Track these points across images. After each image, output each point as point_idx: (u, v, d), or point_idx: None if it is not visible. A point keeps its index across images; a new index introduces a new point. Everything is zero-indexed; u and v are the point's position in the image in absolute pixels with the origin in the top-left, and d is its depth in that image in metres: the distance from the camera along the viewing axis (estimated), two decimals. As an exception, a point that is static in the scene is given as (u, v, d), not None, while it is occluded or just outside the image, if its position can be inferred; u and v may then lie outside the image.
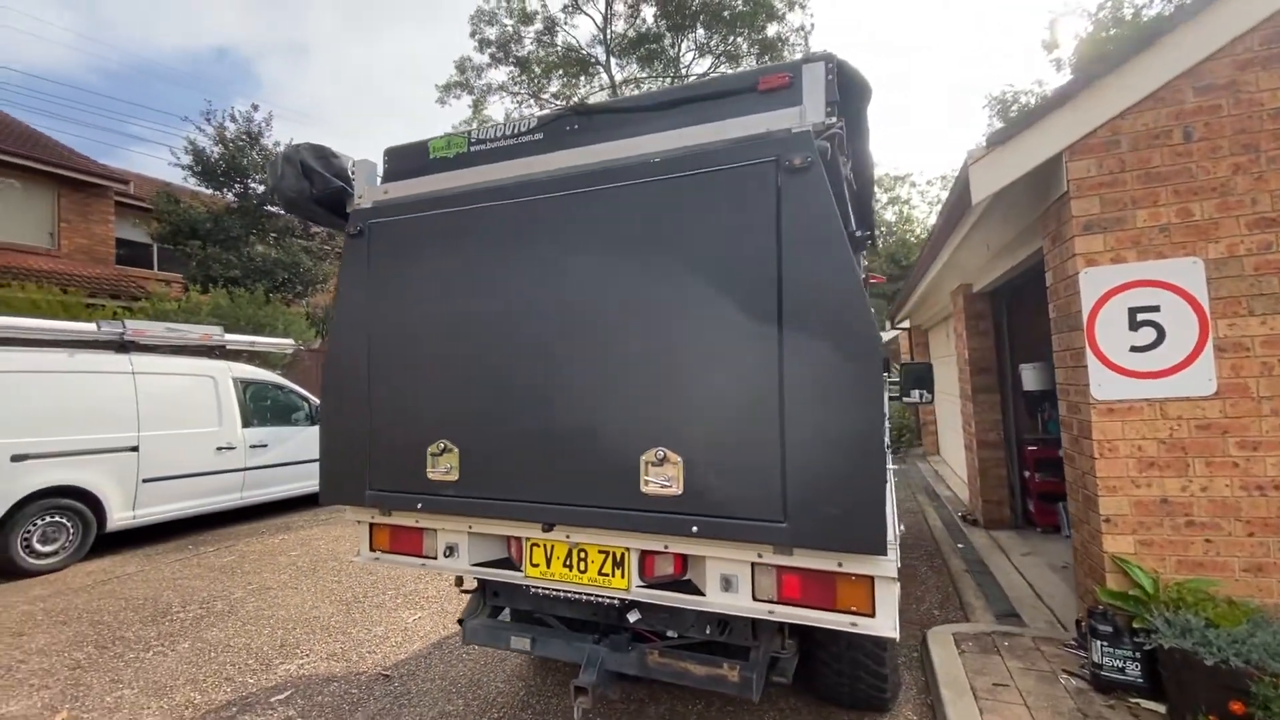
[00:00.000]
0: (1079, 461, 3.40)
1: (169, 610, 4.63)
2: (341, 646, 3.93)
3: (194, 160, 14.02)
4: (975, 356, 6.45)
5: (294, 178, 2.46)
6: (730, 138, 1.88)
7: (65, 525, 5.76)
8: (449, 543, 2.39)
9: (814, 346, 1.71)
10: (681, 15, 21.73)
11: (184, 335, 7.05)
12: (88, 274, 13.93)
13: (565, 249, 2.07)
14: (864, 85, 2.06)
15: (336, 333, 2.49)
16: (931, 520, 6.90)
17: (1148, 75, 3.05)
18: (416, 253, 2.33)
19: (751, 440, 1.77)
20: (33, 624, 4.40)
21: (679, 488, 1.86)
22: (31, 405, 5.60)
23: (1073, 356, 3.35)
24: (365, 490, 2.38)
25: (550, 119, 2.27)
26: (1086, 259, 3.16)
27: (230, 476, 7.16)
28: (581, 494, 2.00)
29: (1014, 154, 3.25)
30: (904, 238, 29.94)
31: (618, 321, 1.97)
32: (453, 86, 22.81)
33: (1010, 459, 6.37)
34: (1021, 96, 24.41)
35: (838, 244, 1.71)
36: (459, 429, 2.20)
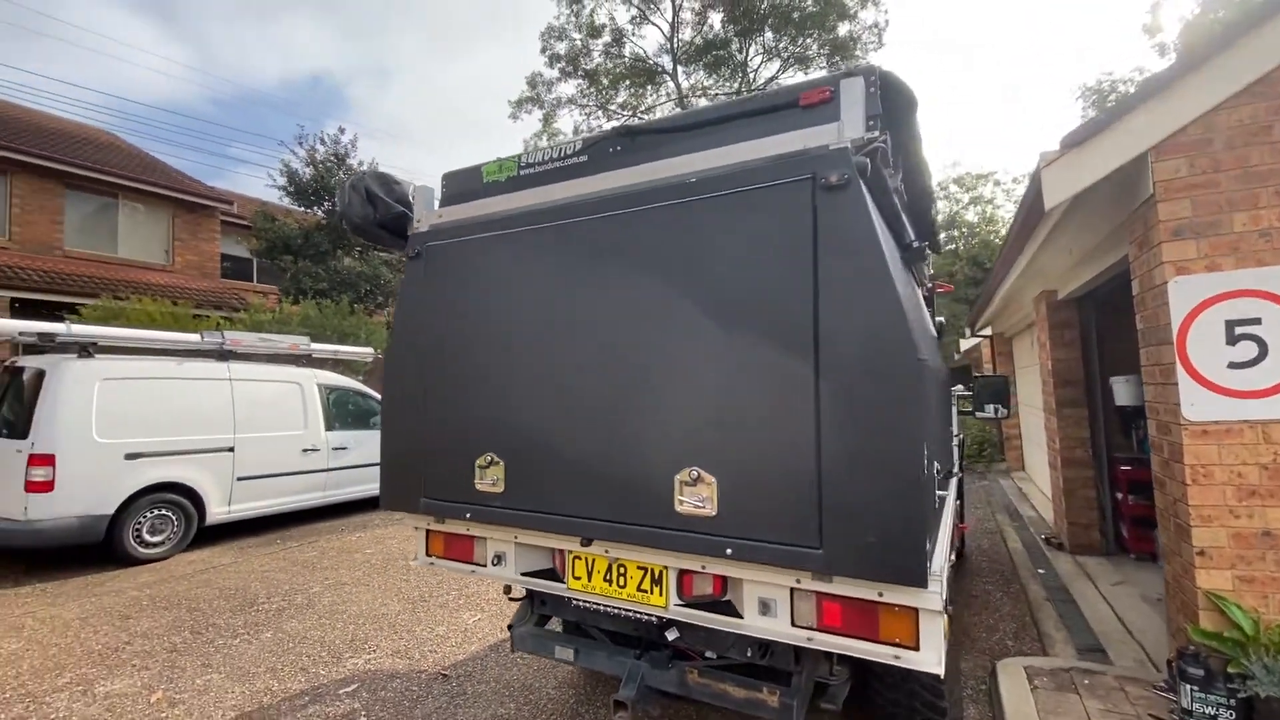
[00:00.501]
0: (1170, 487, 3.12)
1: (255, 601, 4.99)
2: (405, 644, 4.11)
3: (288, 181, 15.13)
4: (1060, 368, 6.04)
5: (360, 204, 2.62)
6: (768, 155, 1.85)
7: (170, 518, 6.33)
8: (497, 551, 2.47)
9: (851, 369, 1.66)
10: (749, 19, 21.56)
11: (275, 345, 7.61)
12: (197, 287, 15.28)
13: (607, 270, 2.11)
14: (910, 95, 1.98)
15: (394, 349, 2.63)
16: (1011, 542, 6.49)
17: (1248, 64, 2.78)
18: (468, 274, 2.43)
19: (786, 464, 1.73)
20: (139, 609, 4.85)
21: (713, 509, 1.84)
22: (143, 408, 6.19)
23: (1162, 372, 3.09)
24: (420, 499, 2.50)
25: (594, 141, 2.32)
26: (1176, 267, 2.90)
27: (314, 476, 7.66)
28: (618, 510, 2.02)
29: (1091, 156, 3.03)
30: (987, 239, 28.37)
31: (655, 341, 1.99)
32: (524, 102, 23.53)
33: (1100, 479, 5.90)
34: (1120, 85, 22.70)
35: (876, 263, 1.66)
36: (505, 443, 2.28)
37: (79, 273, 13.50)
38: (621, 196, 2.11)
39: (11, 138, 13.48)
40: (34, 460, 5.57)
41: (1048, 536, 6.43)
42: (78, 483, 5.71)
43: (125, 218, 15.10)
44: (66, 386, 5.75)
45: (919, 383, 1.60)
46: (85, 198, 14.48)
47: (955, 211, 30.26)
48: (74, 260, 13.89)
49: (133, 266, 14.89)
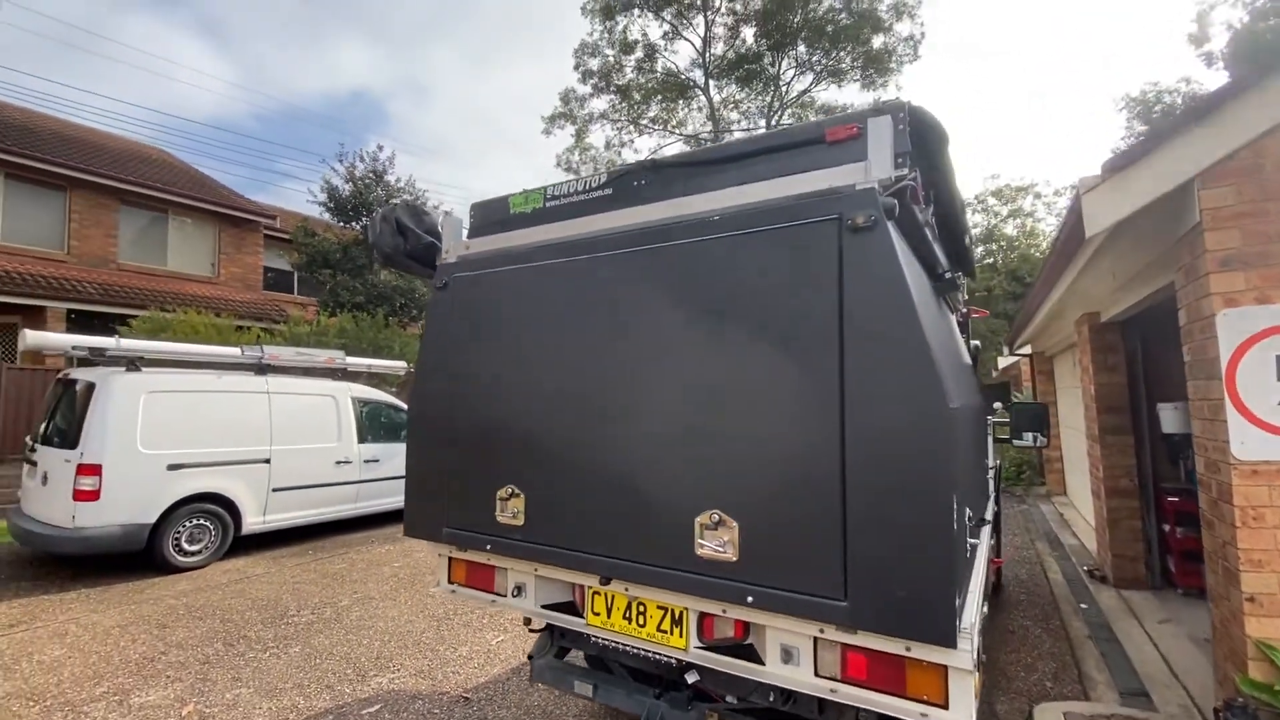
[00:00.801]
0: (1218, 528, 2.96)
1: (286, 614, 5.09)
2: (429, 664, 4.14)
3: (328, 197, 15.60)
4: (1104, 393, 5.81)
5: (390, 234, 2.68)
6: (793, 194, 1.83)
7: (208, 528, 6.52)
8: (518, 582, 2.47)
9: (877, 419, 1.61)
10: (782, 33, 21.54)
11: (311, 359, 7.81)
12: (240, 299, 15.82)
13: (630, 306, 2.10)
14: (941, 132, 1.94)
15: (420, 377, 2.67)
16: (1051, 573, 6.25)
17: (1304, 88, 2.66)
18: (494, 306, 2.46)
19: (810, 512, 1.69)
20: (175, 618, 4.99)
21: (734, 554, 1.81)
22: (185, 420, 6.40)
23: (1210, 408, 2.95)
24: (443, 528, 2.52)
25: (619, 174, 2.33)
26: (1225, 299, 2.77)
27: (347, 488, 7.81)
28: (637, 550, 2.00)
29: (1134, 182, 2.93)
30: (1027, 253, 27.65)
31: (677, 380, 1.97)
32: (557, 117, 23.89)
33: (1146, 509, 5.65)
34: (1166, 96, 21.97)
35: (904, 308, 1.61)
36: (526, 476, 2.28)
37: (131, 285, 14.11)
38: (646, 232, 2.11)
39: (72, 156, 14.20)
40: (82, 470, 5.80)
41: (1090, 568, 6.18)
42: (122, 492, 5.93)
43: (175, 231, 15.75)
44: (114, 399, 5.98)
45: (949, 434, 1.55)
46: (138, 213, 15.16)
47: (994, 225, 29.60)
48: (126, 273, 14.52)
49: (180, 279, 15.50)
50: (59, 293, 12.63)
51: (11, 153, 12.96)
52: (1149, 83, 20.78)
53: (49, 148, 14.04)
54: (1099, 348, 5.86)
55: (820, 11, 21.47)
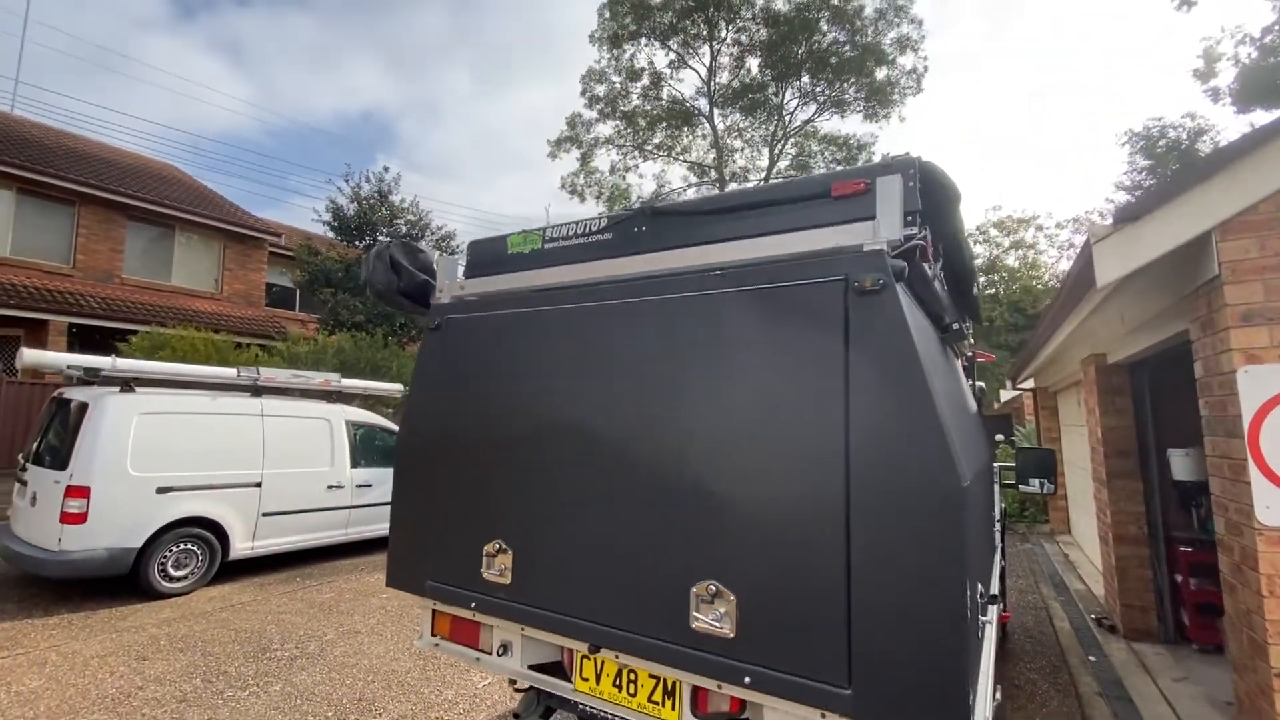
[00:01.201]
0: (1242, 595, 2.83)
1: (269, 647, 4.93)
2: (413, 708, 3.98)
3: (332, 216, 15.67)
4: (1111, 436, 5.68)
5: (384, 272, 2.61)
6: (797, 252, 1.75)
7: (195, 553, 6.37)
8: (504, 640, 2.34)
9: (884, 495, 1.51)
10: (786, 64, 21.82)
11: (307, 381, 7.72)
12: (242, 315, 15.81)
13: (628, 359, 2.01)
14: (953, 189, 1.87)
15: (409, 421, 2.58)
16: (1058, 620, 6.06)
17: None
18: (487, 350, 2.37)
19: (813, 590, 1.58)
20: (155, 649, 4.83)
21: (731, 629, 1.69)
22: (177, 442, 6.30)
23: (1231, 468, 2.83)
24: (426, 581, 2.41)
25: (619, 219, 2.25)
26: (1246, 355, 2.68)
27: (338, 514, 7.66)
28: (629, 619, 1.88)
29: (1149, 233, 2.85)
30: (1029, 284, 27.67)
31: (674, 441, 1.87)
32: (563, 141, 24.12)
33: (1157, 559, 5.49)
34: (1170, 131, 22.10)
35: (914, 376, 1.52)
36: (514, 531, 2.17)
37: (134, 299, 14.12)
38: (645, 282, 2.03)
39: (83, 172, 14.32)
40: (70, 492, 5.69)
41: (1099, 616, 5.99)
42: (110, 515, 5.80)
43: (180, 247, 15.82)
44: (107, 420, 5.89)
45: (961, 514, 1.45)
46: (145, 228, 15.24)
47: (995, 256, 29.66)
48: (130, 288, 14.55)
49: (184, 294, 15.52)
50: (62, 307, 12.63)
51: (24, 168, 13.07)
52: (1152, 118, 20.91)
53: (61, 163, 14.17)
54: (1106, 390, 5.74)
55: (824, 44, 21.78)
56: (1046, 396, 11.25)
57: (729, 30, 22.60)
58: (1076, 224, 29.11)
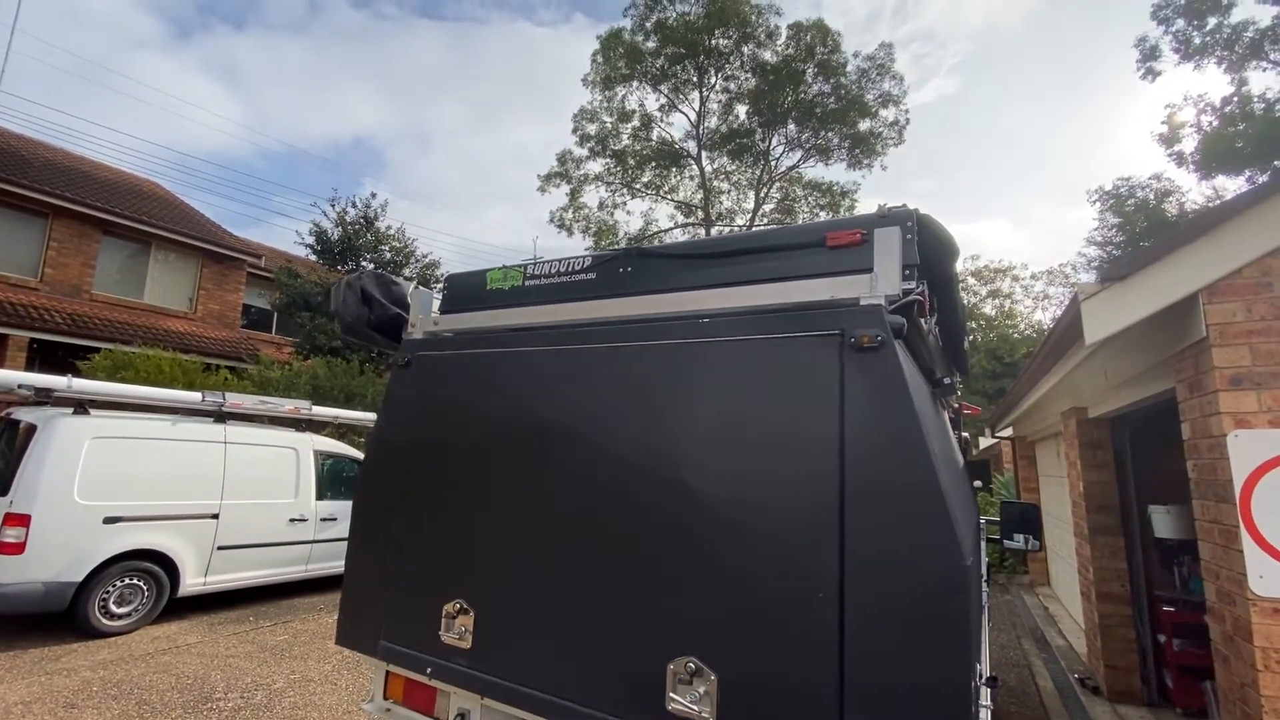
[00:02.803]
0: (1236, 667, 2.73)
1: (211, 696, 4.58)
2: (363, 769, 3.69)
3: (315, 240, 15.49)
4: (1093, 491, 5.64)
5: (354, 304, 2.48)
6: (789, 302, 1.66)
7: (141, 588, 5.99)
8: (461, 709, 2.15)
9: (880, 570, 1.40)
10: (773, 112, 22.41)
11: (275, 408, 7.45)
12: (215, 336, 15.43)
13: (607, 410, 1.89)
14: (949, 243, 1.81)
15: (370, 463, 2.41)
16: (1040, 679, 5.91)
17: (1308, 210, 2.61)
18: (458, 392, 2.23)
19: (802, 672, 1.45)
20: (86, 696, 4.46)
21: (710, 713, 1.54)
22: (131, 469, 5.98)
23: (1222, 534, 2.77)
24: (379, 641, 2.21)
25: (604, 259, 2.16)
26: (1235, 419, 2.64)
27: (299, 548, 7.30)
28: (598, 696, 1.72)
29: (1135, 293, 2.84)
30: (1005, 332, 28.25)
31: (654, 500, 1.74)
32: (553, 176, 24.37)
33: (1139, 617, 5.39)
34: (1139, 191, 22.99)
35: (913, 439, 1.42)
36: (478, 590, 2.01)
37: (102, 316, 13.69)
38: (627, 327, 1.93)
39: (59, 184, 14.02)
40: (9, 520, 5.34)
41: (1081, 676, 5.85)
42: (50, 546, 5.45)
43: (156, 265, 15.47)
44: (55, 444, 5.58)
45: (965, 595, 1.33)
46: (120, 244, 14.90)
47: (973, 304, 30.31)
48: (99, 304, 14.13)
49: (156, 312, 15.12)
50: (24, 321, 12.18)
51: (-5, 177, 12.76)
52: (1121, 178, 21.78)
53: (36, 174, 13.87)
54: (1087, 443, 5.73)
55: (810, 95, 22.46)
56: (1025, 446, 11.30)
57: (718, 77, 23.24)
58: (1051, 275, 29.93)
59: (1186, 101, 18.34)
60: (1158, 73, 19.57)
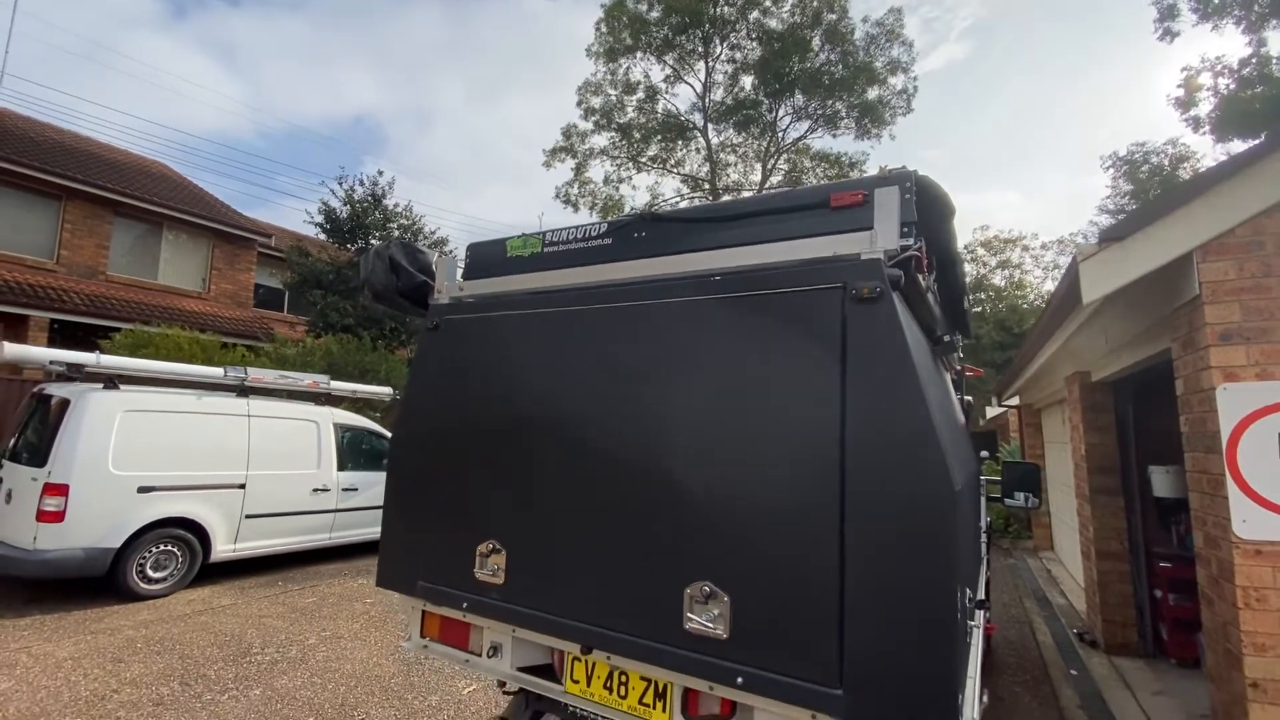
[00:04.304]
0: (1219, 607, 2.89)
1: (249, 651, 4.86)
2: (396, 713, 3.94)
3: (325, 218, 15.58)
4: (1094, 453, 5.78)
5: (383, 272, 2.61)
6: (795, 259, 1.79)
7: (175, 554, 6.27)
8: (494, 642, 2.34)
9: (877, 497, 1.54)
10: (779, 82, 22.11)
11: (295, 382, 7.66)
12: (229, 315, 15.65)
13: (624, 363, 2.04)
14: (947, 202, 1.92)
15: (404, 420, 2.58)
16: (1040, 634, 6.12)
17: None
18: (484, 351, 2.38)
19: (807, 593, 1.60)
20: (132, 651, 4.74)
21: (724, 630, 1.71)
22: (161, 441, 6.22)
23: (1209, 483, 2.90)
24: (418, 581, 2.40)
25: (620, 224, 2.29)
26: (1225, 373, 2.76)
27: (322, 517, 7.58)
28: (622, 620, 1.89)
29: (1132, 253, 2.94)
30: (1014, 303, 28.13)
31: (671, 441, 1.89)
32: (558, 151, 24.22)
33: (1137, 574, 5.57)
34: (1153, 157, 22.65)
35: (909, 384, 1.56)
36: (509, 531, 2.18)
37: (119, 297, 13.92)
38: (643, 287, 2.06)
39: (70, 166, 14.15)
40: (48, 489, 5.59)
41: (1080, 631, 6.05)
42: (88, 514, 5.71)
43: (168, 245, 15.65)
44: (89, 417, 5.81)
45: (953, 520, 1.48)
46: (132, 225, 15.06)
47: (983, 275, 30.11)
48: (115, 285, 14.35)
49: (170, 293, 15.34)
50: (44, 302, 12.43)
51: (9, 160, 12.89)
52: (1135, 143, 21.43)
53: (46, 157, 13.99)
54: (1089, 407, 5.85)
55: (817, 63, 22.12)
56: (1031, 414, 11.41)
57: (723, 47, 22.89)
58: (1061, 245, 29.61)
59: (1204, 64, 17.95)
60: (1175, 33, 19.08)
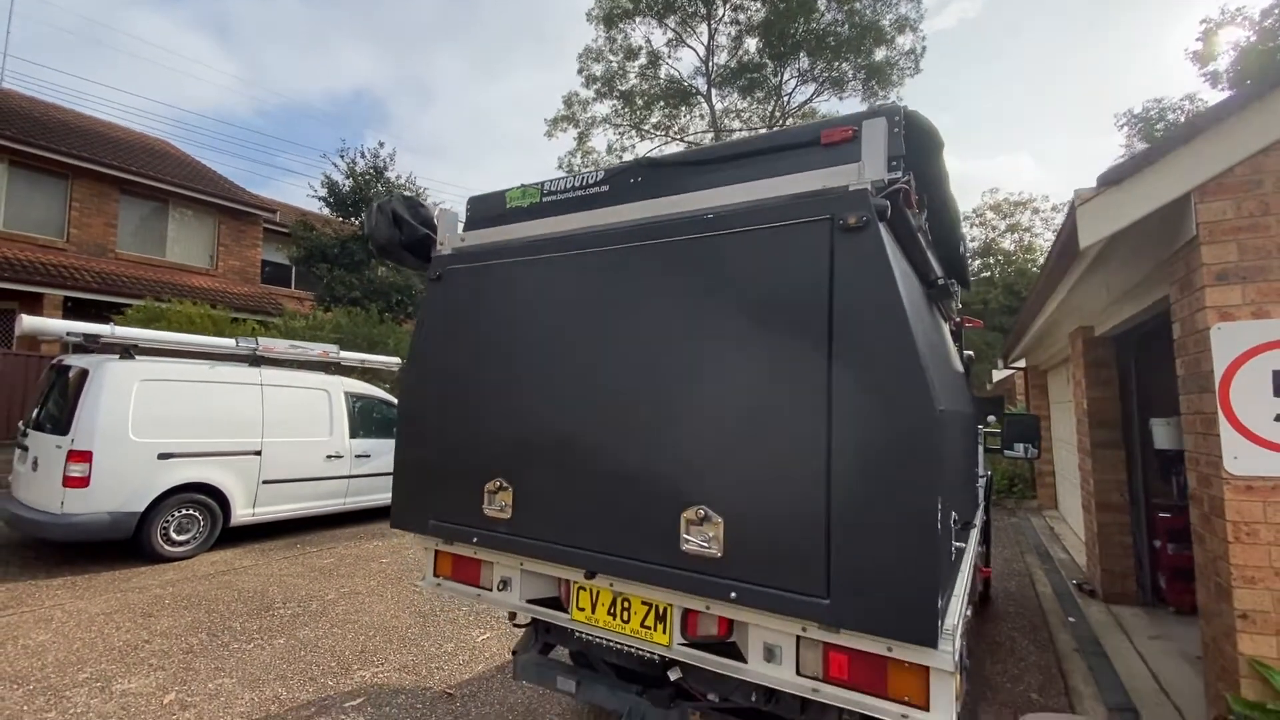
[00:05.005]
0: (1210, 543, 2.96)
1: (271, 606, 5.05)
2: (413, 659, 4.11)
3: (328, 192, 15.59)
4: (1096, 408, 5.82)
5: (386, 226, 2.67)
6: (786, 194, 1.83)
7: (197, 518, 6.48)
8: (504, 576, 2.45)
9: (862, 417, 1.61)
10: (784, 44, 21.63)
11: (305, 352, 7.78)
12: (237, 291, 15.79)
13: (622, 302, 2.10)
14: (935, 136, 1.94)
15: (411, 368, 2.66)
16: (1040, 586, 6.24)
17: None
18: (487, 299, 2.45)
19: (795, 510, 1.69)
20: (160, 607, 4.95)
21: (719, 550, 1.80)
22: (177, 409, 6.37)
23: (1203, 422, 2.95)
24: (429, 520, 2.51)
25: (616, 171, 2.33)
26: (1220, 313, 2.78)
27: (337, 483, 7.77)
28: (623, 545, 1.99)
29: (1130, 195, 2.94)
30: (1024, 267, 27.80)
31: (667, 374, 1.97)
32: (560, 120, 23.94)
33: (1137, 525, 5.65)
34: (1169, 114, 22.07)
35: (893, 308, 1.61)
36: (514, 469, 2.27)
37: (129, 274, 14.07)
38: (640, 229, 2.11)
39: (75, 145, 14.18)
40: (73, 456, 5.77)
41: (1080, 582, 6.17)
42: (112, 480, 5.89)
43: (174, 222, 15.73)
44: (107, 386, 5.95)
45: (934, 436, 1.54)
46: (138, 203, 15.13)
47: (991, 239, 29.74)
48: (125, 262, 14.49)
49: (179, 270, 15.48)
50: (57, 280, 12.59)
51: (16, 140, 12.94)
52: (1152, 99, 20.89)
53: (52, 136, 14.02)
54: (1092, 362, 5.87)
55: (823, 23, 21.61)
56: (1037, 375, 11.41)
57: (725, 8, 22.37)
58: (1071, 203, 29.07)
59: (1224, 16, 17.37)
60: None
